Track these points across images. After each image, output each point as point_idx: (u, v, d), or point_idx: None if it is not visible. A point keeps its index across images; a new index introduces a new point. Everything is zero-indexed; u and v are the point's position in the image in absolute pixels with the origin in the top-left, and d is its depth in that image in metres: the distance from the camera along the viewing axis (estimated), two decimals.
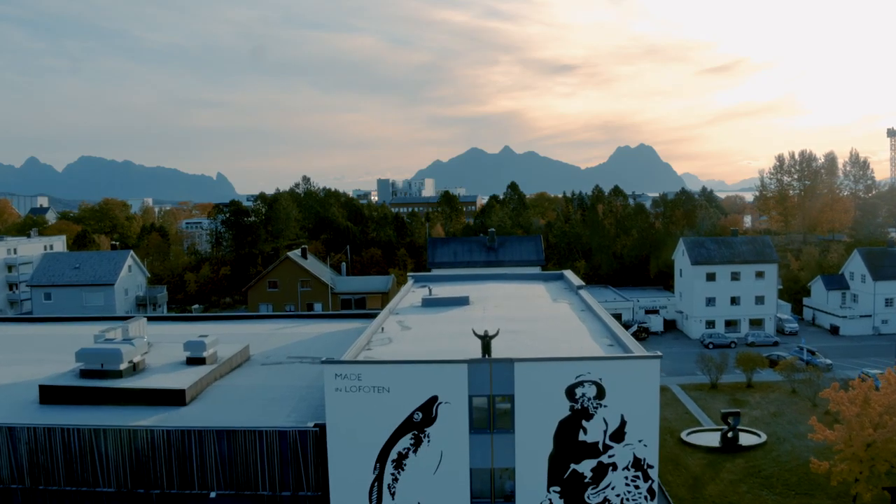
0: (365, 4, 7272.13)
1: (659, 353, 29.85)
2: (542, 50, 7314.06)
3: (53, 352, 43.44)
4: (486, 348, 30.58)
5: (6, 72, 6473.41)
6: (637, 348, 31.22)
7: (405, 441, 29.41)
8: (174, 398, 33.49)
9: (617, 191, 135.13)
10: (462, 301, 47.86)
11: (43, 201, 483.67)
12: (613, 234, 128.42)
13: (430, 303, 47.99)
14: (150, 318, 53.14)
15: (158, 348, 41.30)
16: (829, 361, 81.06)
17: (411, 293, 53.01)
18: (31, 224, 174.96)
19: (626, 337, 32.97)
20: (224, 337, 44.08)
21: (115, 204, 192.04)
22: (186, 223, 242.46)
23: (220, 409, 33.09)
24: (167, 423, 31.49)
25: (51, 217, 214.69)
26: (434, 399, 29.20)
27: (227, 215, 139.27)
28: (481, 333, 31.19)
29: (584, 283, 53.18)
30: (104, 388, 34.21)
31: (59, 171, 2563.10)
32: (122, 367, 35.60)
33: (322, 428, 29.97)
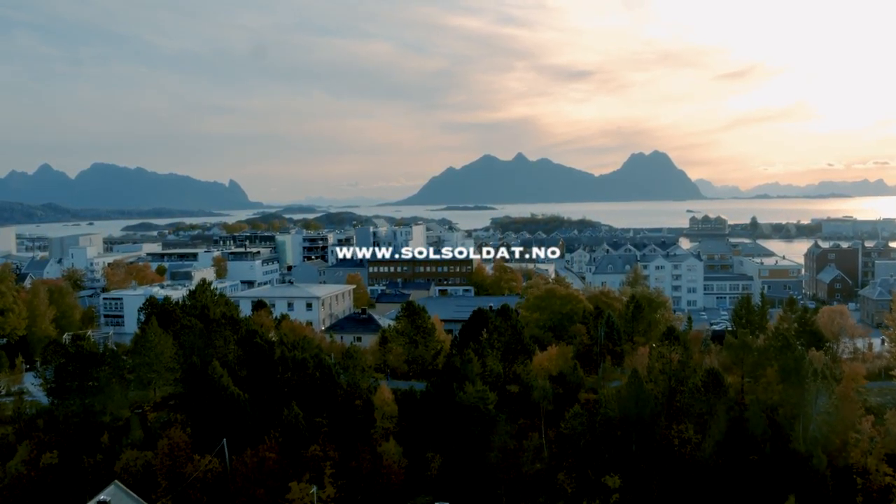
0: (378, 10, 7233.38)
1: None
2: (557, 56, 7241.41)
3: None
4: None
5: (18, 77, 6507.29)
6: None
7: None
8: None
9: (669, 333, 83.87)
10: None
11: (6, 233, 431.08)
12: (665, 408, 78.38)
13: None
14: None
15: None
16: None
17: None
18: None
19: None
20: None
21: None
22: (107, 299, 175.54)
23: None
24: None
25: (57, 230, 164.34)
26: None
27: (63, 360, 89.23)
28: None
29: None
30: None
31: (72, 178, 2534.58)
32: None
33: None
